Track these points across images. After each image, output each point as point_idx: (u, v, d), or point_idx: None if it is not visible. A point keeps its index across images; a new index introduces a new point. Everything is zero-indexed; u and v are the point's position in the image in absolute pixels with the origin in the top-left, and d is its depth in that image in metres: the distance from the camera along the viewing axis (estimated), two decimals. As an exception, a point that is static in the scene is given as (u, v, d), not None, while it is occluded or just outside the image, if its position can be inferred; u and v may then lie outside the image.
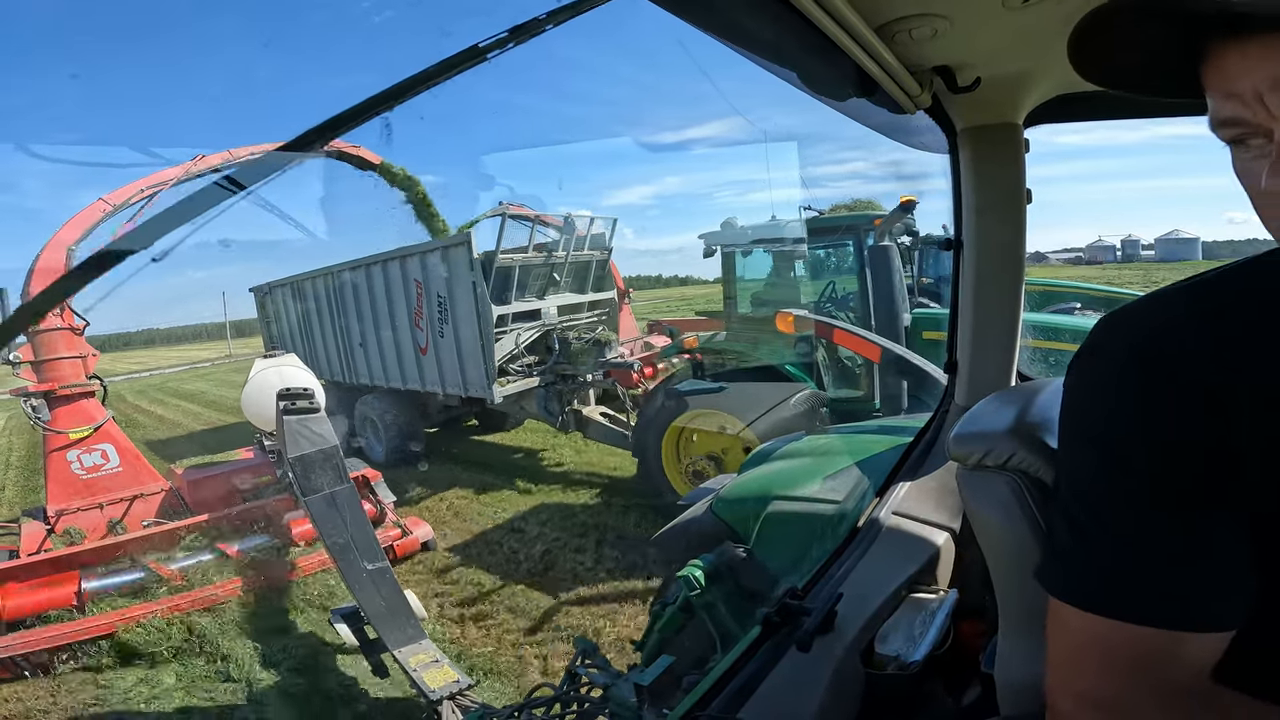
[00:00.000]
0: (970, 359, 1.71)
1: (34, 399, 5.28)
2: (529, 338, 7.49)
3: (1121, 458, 0.55)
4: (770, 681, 1.13)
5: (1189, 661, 0.52)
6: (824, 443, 2.62)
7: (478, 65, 0.60)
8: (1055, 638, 0.59)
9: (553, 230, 7.81)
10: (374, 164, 8.40)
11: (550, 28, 0.62)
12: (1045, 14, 0.93)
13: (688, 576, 1.96)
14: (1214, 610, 0.52)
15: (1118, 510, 0.55)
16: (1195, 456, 0.52)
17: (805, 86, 1.06)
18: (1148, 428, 0.54)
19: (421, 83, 0.58)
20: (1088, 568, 0.56)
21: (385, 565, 3.74)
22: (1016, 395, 1.08)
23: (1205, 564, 0.52)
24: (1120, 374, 0.56)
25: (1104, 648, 0.54)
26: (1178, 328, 0.55)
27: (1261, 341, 0.52)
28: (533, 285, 7.56)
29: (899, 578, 1.39)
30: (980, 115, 1.47)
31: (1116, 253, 42.15)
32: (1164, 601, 0.52)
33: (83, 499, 5.32)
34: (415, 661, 3.27)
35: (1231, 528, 0.52)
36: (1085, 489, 0.58)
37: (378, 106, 0.57)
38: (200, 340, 53.91)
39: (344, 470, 4.17)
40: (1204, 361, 0.53)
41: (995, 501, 0.95)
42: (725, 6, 0.77)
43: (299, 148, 0.56)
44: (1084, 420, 0.60)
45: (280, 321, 10.22)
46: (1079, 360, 0.60)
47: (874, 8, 0.88)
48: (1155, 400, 0.54)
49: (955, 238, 1.66)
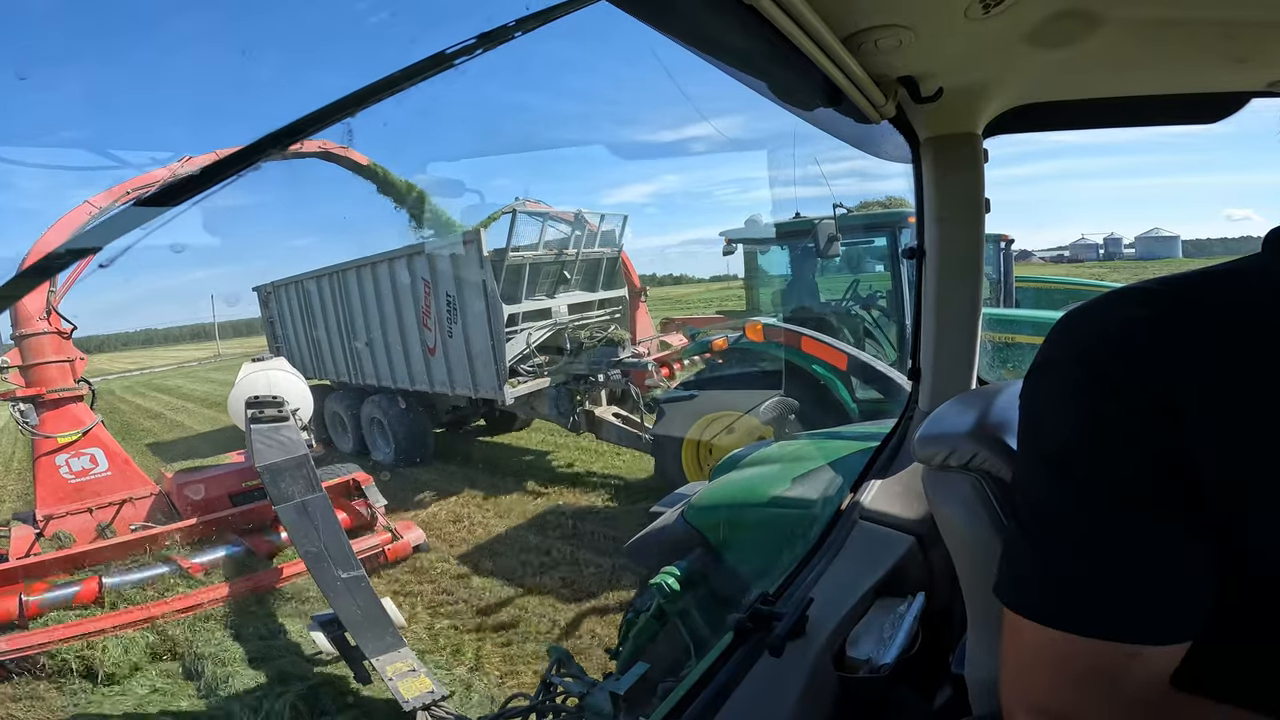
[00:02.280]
0: (933, 364, 1.74)
1: (22, 403, 5.24)
2: (540, 337, 7.35)
3: (1072, 469, 0.55)
4: (744, 687, 1.13)
5: (1145, 673, 0.52)
6: (794, 448, 2.64)
7: (445, 72, 0.60)
8: (1009, 649, 0.58)
9: (563, 226, 7.67)
10: (363, 166, 8.30)
11: (519, 35, 0.62)
12: (1006, 25, 0.96)
13: (661, 584, 1.96)
14: (1168, 623, 0.52)
15: (1069, 522, 0.55)
16: (1145, 465, 0.52)
17: (774, 96, 1.08)
18: (1097, 439, 0.54)
19: (386, 88, 0.57)
20: (1040, 579, 0.56)
21: (361, 574, 3.69)
22: (977, 398, 1.11)
23: (1159, 575, 0.51)
24: (1068, 385, 0.56)
25: (1058, 659, 0.54)
26: (1130, 331, 0.54)
27: (1216, 348, 0.51)
28: (543, 284, 7.47)
29: (868, 581, 1.40)
30: (942, 125, 1.51)
31: (1099, 251, 43.22)
32: (1118, 614, 0.52)
33: (72, 503, 5.28)
34: (392, 670, 3.23)
35: (1186, 537, 0.51)
36: (1039, 501, 0.58)
37: (344, 110, 0.56)
38: (198, 340, 53.60)
39: (314, 478, 4.10)
40: (1153, 366, 0.52)
41: (959, 500, 0.97)
42: (694, 15, 0.78)
43: (265, 149, 0.55)
44: (1037, 434, 0.60)
45: (284, 321, 10.04)
46: (1032, 373, 0.60)
47: (841, 18, 0.90)
48: (1103, 411, 0.53)
49: (918, 246, 1.69)
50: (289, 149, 6.94)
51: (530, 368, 7.17)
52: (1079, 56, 1.11)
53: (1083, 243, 44.02)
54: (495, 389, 6.86)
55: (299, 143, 6.88)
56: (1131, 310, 0.55)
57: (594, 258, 7.93)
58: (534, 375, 7.11)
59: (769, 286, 6.47)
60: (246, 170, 0.57)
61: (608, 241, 8.03)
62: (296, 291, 9.53)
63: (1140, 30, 1.02)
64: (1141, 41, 1.07)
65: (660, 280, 12.24)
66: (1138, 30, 1.02)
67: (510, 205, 8.29)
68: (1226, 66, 1.17)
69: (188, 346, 50.47)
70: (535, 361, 7.25)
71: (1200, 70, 1.23)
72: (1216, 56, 1.13)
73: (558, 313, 7.52)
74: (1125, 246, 42.63)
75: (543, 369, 7.18)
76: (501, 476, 7.34)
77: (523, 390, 6.94)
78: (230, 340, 42.83)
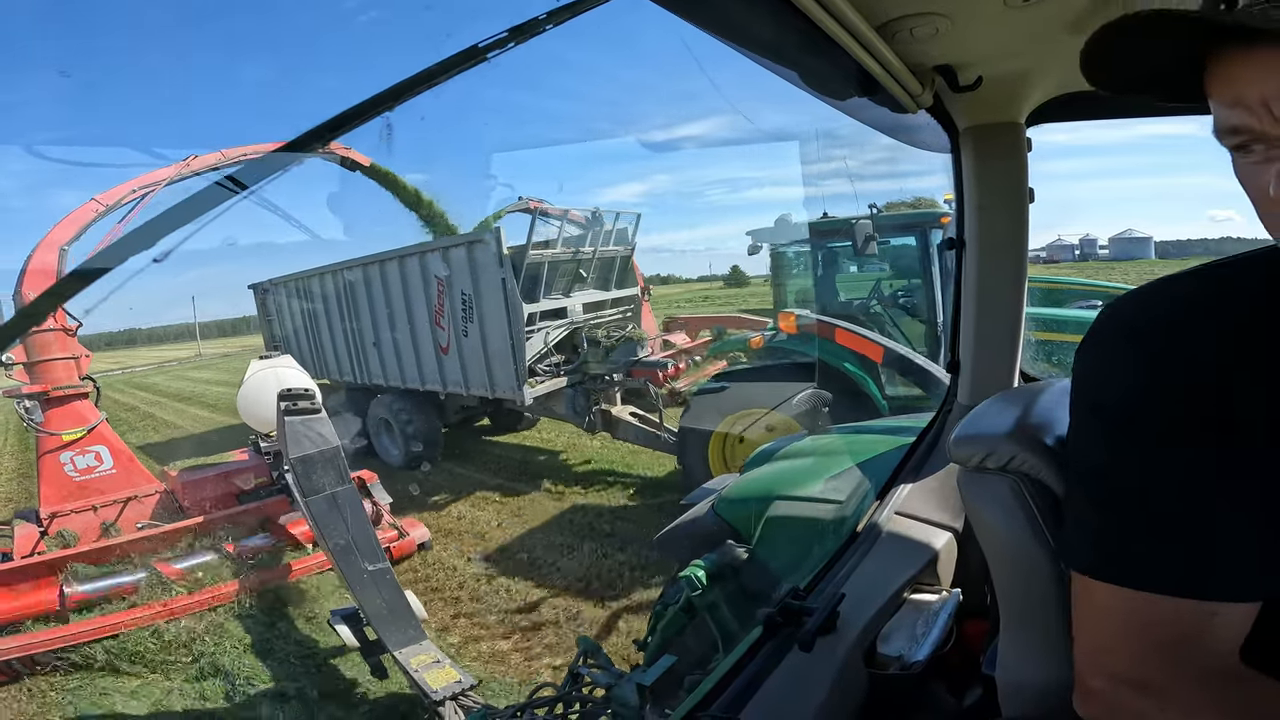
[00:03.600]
0: (973, 358, 1.70)
1: (27, 400, 5.20)
2: (557, 336, 7.19)
3: (1136, 426, 0.56)
4: (772, 681, 1.13)
5: (1219, 636, 0.53)
6: (826, 443, 2.61)
7: (478, 65, 0.61)
8: (1083, 616, 0.59)
9: (571, 226, 7.57)
10: (362, 165, 8.31)
11: (550, 28, 0.62)
12: (1047, 13, 0.93)
13: (690, 577, 1.96)
14: (1238, 579, 0.52)
15: (1130, 470, 0.56)
16: (1204, 416, 0.53)
17: (806, 85, 1.06)
18: (1154, 382, 0.55)
19: (422, 82, 0.58)
20: (1108, 538, 0.57)
21: (386, 566, 3.73)
22: (1018, 396, 1.08)
23: (1226, 519, 0.52)
24: (1125, 345, 0.58)
25: (1135, 624, 0.55)
26: (1185, 309, 0.57)
27: (1267, 328, 0.53)
28: (559, 282, 7.29)
29: (901, 578, 1.39)
30: (982, 114, 1.47)
31: (1075, 251, 43.34)
32: (1190, 564, 0.52)
33: (76, 501, 5.24)
34: (416, 662, 3.26)
35: (1248, 477, 0.52)
36: (1099, 460, 0.58)
37: (378, 107, 0.57)
38: (181, 340, 54.34)
39: (345, 471, 4.17)
40: (1209, 340, 0.54)
41: (996, 503, 0.95)
42: (726, 5, 0.77)
43: (299, 148, 0.57)
44: (1092, 394, 0.61)
45: (282, 320, 9.94)
46: (1084, 346, 0.62)
47: (875, 6, 0.88)
48: (1160, 360, 0.55)
49: (957, 236, 1.66)
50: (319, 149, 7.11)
51: (547, 367, 7.05)
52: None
53: (1059, 243, 44.26)
54: (514, 389, 6.71)
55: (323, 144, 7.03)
56: (1184, 291, 0.59)
57: (608, 256, 7.80)
58: (551, 375, 6.99)
59: (800, 284, 6.35)
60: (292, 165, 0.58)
61: (620, 240, 7.90)
62: (298, 289, 9.31)
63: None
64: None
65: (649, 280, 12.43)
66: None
67: (516, 204, 8.28)
68: None
69: (171, 346, 50.88)
70: (552, 361, 7.13)
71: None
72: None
73: (573, 312, 7.40)
74: (1100, 247, 42.58)
75: (559, 369, 7.08)
76: (515, 477, 7.28)
77: (541, 390, 6.81)
78: (214, 340, 43.83)
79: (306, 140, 0.57)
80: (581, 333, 7.33)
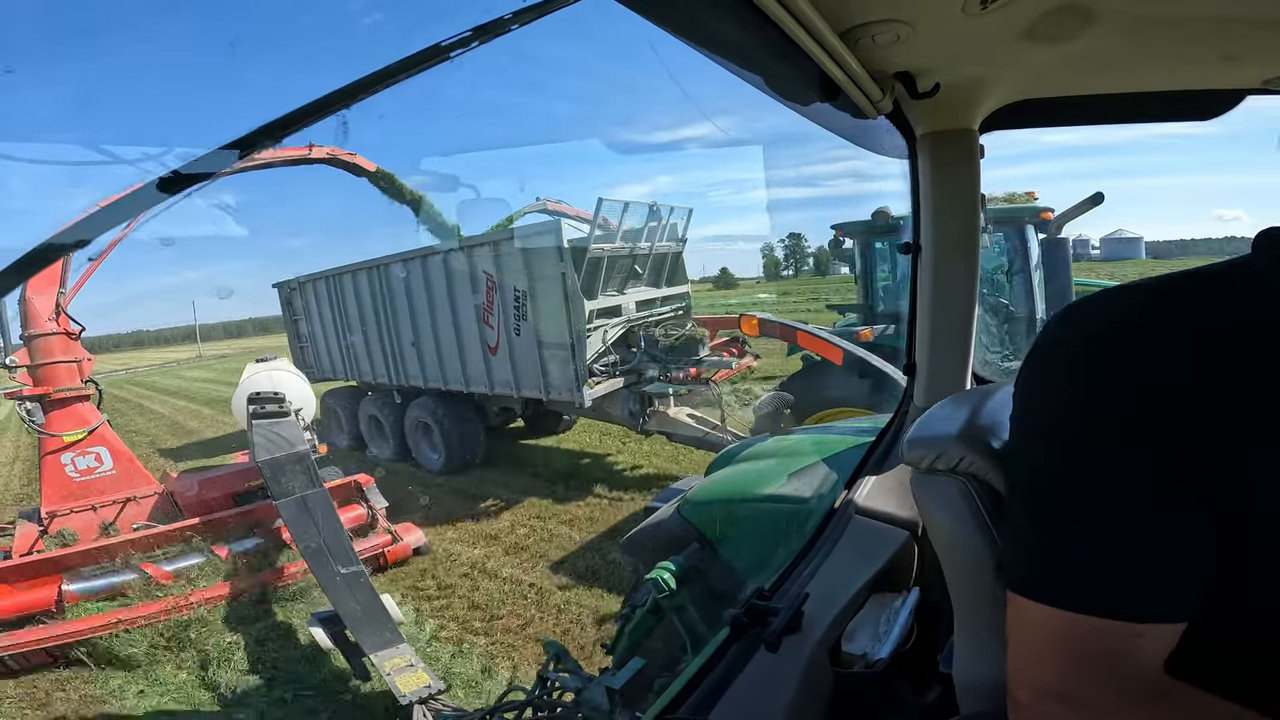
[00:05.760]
0: (928, 360, 1.74)
1: (29, 402, 5.29)
2: (615, 335, 6.78)
3: (1072, 442, 0.55)
4: (740, 682, 1.13)
5: (1144, 654, 0.53)
6: (789, 443, 2.64)
7: (440, 64, 0.59)
8: (1013, 630, 0.59)
9: (582, 224, 7.25)
10: (368, 171, 8.03)
11: (515, 28, 0.61)
12: (1004, 20, 0.96)
13: (657, 579, 1.96)
14: (1166, 601, 0.53)
15: (1069, 497, 0.55)
16: (1147, 440, 0.52)
17: (770, 90, 1.07)
18: (1101, 409, 0.54)
19: (382, 80, 0.57)
20: (1040, 557, 0.57)
21: (360, 569, 3.71)
22: (968, 399, 1.10)
23: (1157, 544, 0.52)
24: (1074, 362, 0.56)
25: (1060, 639, 0.55)
26: (1141, 321, 0.55)
27: (1224, 345, 0.52)
28: (615, 278, 6.85)
29: (864, 576, 1.41)
30: (939, 121, 1.50)
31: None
32: (1118, 588, 0.52)
33: (76, 501, 5.32)
34: (390, 665, 3.25)
35: (1183, 506, 0.52)
36: (1039, 480, 0.58)
37: (336, 104, 0.55)
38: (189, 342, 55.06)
39: (316, 474, 4.13)
40: (1164, 357, 0.52)
41: (946, 504, 0.97)
42: (691, 8, 0.77)
43: (254, 143, 0.54)
44: (1036, 412, 0.60)
45: (310, 319, 9.38)
46: (1031, 357, 0.61)
47: (839, 12, 0.89)
48: (1111, 383, 0.53)
49: (914, 241, 1.69)
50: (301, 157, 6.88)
51: (604, 367, 6.62)
52: (1075, 52, 1.11)
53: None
54: (573, 390, 6.32)
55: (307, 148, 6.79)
56: (1139, 301, 0.57)
57: (660, 252, 7.38)
58: (608, 375, 6.59)
59: (886, 279, 6.17)
60: (242, 163, 0.56)
61: (672, 235, 7.49)
62: (327, 288, 8.81)
63: (1136, 27, 1.02)
64: (1137, 38, 1.07)
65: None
66: (1133, 27, 1.02)
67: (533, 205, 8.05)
68: (1222, 63, 1.17)
69: (177, 348, 52.24)
70: (608, 360, 6.69)
71: (1196, 67, 1.23)
72: (1212, 53, 1.13)
73: (627, 309, 6.92)
74: (1092, 248, 43.99)
75: (615, 368, 6.68)
76: (562, 483, 6.91)
77: (600, 391, 6.43)
78: (219, 341, 44.61)
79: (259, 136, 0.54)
80: (637, 331, 6.93)
